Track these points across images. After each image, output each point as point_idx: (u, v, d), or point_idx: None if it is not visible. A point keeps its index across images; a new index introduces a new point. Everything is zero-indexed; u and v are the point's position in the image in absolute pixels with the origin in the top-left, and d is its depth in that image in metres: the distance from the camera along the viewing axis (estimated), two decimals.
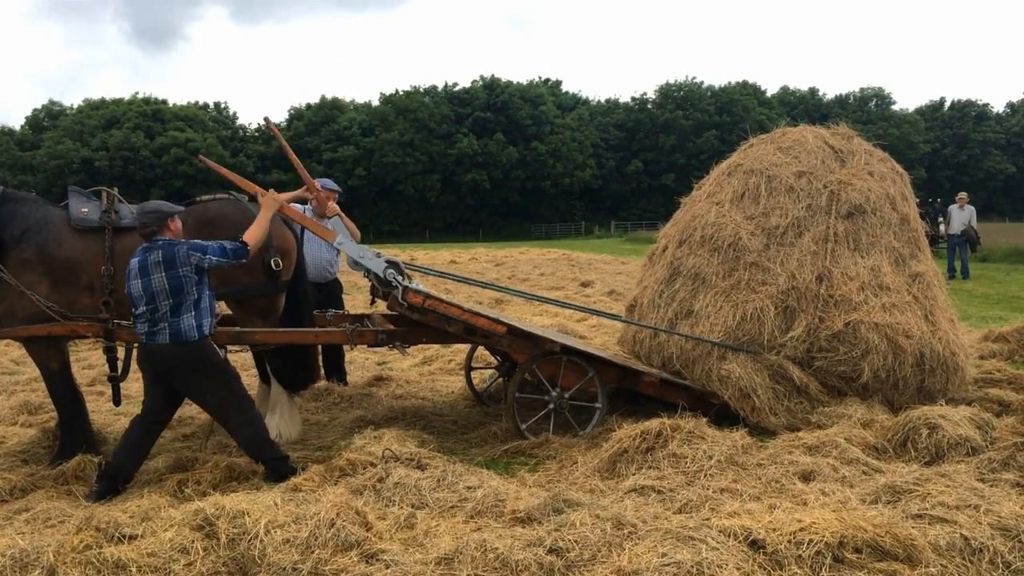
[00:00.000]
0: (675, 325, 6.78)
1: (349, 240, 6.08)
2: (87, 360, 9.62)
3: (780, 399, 6.15)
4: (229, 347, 6.25)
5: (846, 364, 6.21)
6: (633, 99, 80.00)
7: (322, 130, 70.96)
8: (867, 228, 6.72)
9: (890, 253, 6.68)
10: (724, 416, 6.10)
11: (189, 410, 7.11)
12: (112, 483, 4.97)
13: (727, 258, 6.75)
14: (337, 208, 6.66)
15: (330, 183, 7.87)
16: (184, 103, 73.24)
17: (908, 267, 6.68)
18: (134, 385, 8.16)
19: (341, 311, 7.29)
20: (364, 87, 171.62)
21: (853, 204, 6.76)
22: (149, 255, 4.93)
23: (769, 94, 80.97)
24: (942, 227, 19.20)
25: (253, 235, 5.29)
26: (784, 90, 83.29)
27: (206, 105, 75.55)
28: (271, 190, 5.77)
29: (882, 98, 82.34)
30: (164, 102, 71.72)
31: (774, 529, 3.56)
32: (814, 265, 6.52)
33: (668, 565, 3.29)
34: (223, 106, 76.66)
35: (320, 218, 7.34)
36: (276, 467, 5.10)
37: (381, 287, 6.00)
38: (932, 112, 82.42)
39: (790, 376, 6.21)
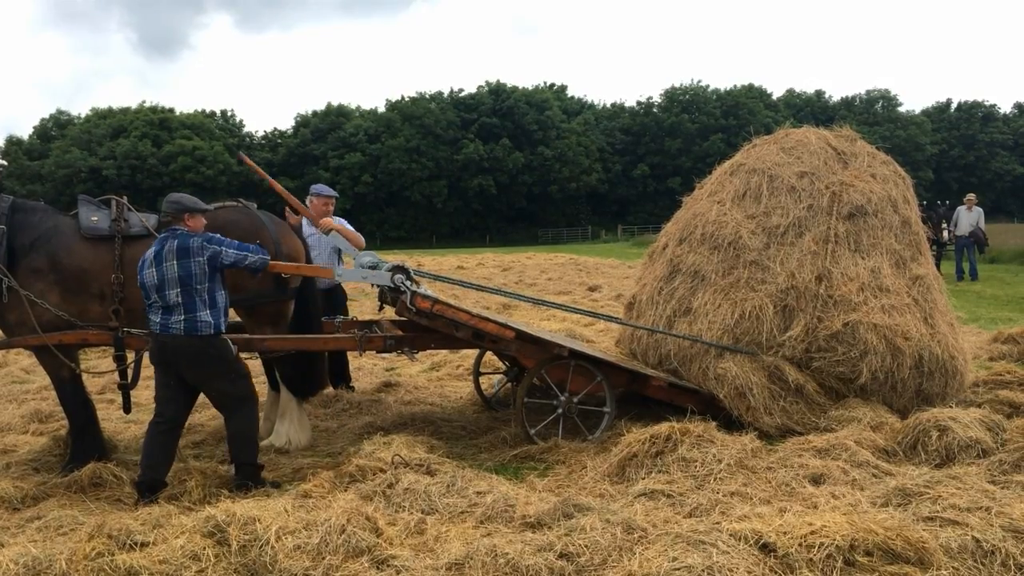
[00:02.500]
0: (673, 322, 6.79)
1: (350, 271, 6.04)
2: (97, 368, 9.65)
3: (776, 399, 6.14)
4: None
5: (844, 365, 6.19)
6: (638, 103, 79.99)
7: (328, 137, 71.07)
8: (868, 230, 6.72)
9: (891, 255, 6.67)
10: (733, 420, 6.10)
11: (198, 417, 7.13)
12: (153, 493, 4.95)
13: (727, 256, 6.76)
14: (331, 222, 6.69)
15: (326, 189, 7.75)
16: (191, 111, 73.54)
17: (909, 269, 6.66)
18: (144, 392, 8.18)
19: (350, 317, 7.31)
20: (370, 94, 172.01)
21: (854, 205, 6.75)
22: (165, 244, 4.99)
23: (775, 97, 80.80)
24: (945, 233, 19.11)
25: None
26: (790, 93, 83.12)
27: (213, 113, 75.78)
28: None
29: (888, 100, 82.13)
30: (171, 111, 71.97)
31: (785, 533, 3.56)
32: (814, 265, 6.52)
33: (679, 569, 3.29)
34: (230, 114, 76.91)
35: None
36: (248, 473, 5.09)
37: (390, 293, 6.02)
38: (939, 113, 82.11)
39: (786, 376, 6.20)
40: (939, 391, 6.28)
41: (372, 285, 6.23)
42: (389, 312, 6.72)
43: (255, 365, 8.71)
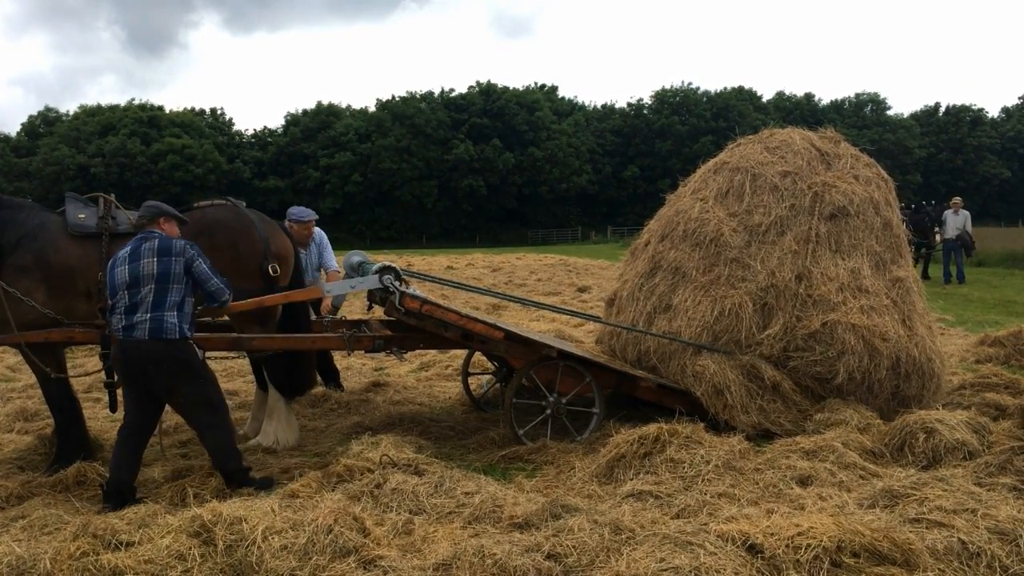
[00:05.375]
0: (653, 319, 6.80)
1: (337, 283, 6.02)
2: (84, 367, 9.59)
3: (753, 397, 6.15)
4: (226, 353, 6.25)
5: (821, 364, 6.20)
6: (629, 105, 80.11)
7: (319, 136, 70.90)
8: (849, 230, 6.74)
9: (871, 256, 6.69)
10: (722, 422, 6.10)
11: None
12: (121, 499, 4.83)
13: (708, 253, 6.77)
14: (329, 301, 6.88)
15: (305, 213, 7.60)
16: (180, 109, 73.22)
17: (888, 271, 6.68)
18: None
19: (340, 317, 7.30)
20: (361, 93, 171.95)
21: (836, 206, 6.78)
22: (144, 243, 4.93)
23: (765, 99, 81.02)
24: (937, 237, 19.22)
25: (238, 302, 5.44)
26: (780, 95, 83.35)
27: (202, 111, 75.51)
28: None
29: (877, 103, 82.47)
30: (160, 108, 71.67)
31: (772, 534, 3.57)
32: (794, 264, 6.54)
33: (666, 570, 3.29)
34: (219, 112, 76.67)
35: (303, 248, 7.32)
36: (237, 479, 5.01)
37: (379, 293, 6.01)
38: (927, 117, 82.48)
39: (762, 374, 6.20)
40: (915, 393, 6.29)
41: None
42: (378, 312, 6.70)
43: (243, 364, 8.68)
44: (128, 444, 4.97)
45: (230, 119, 77.55)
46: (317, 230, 7.85)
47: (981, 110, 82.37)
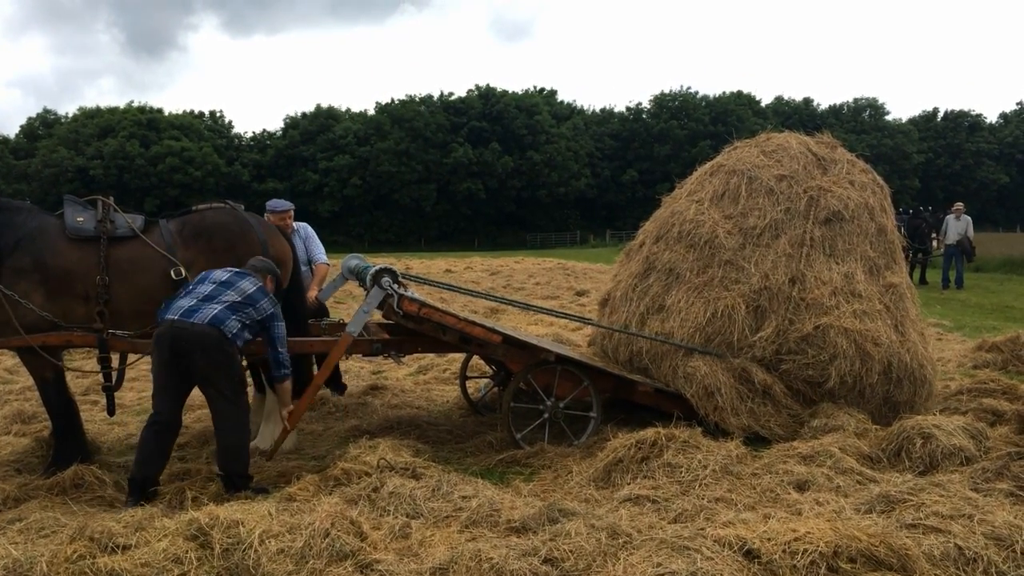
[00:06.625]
0: (646, 319, 6.81)
1: (354, 319, 5.93)
2: (82, 369, 9.57)
3: (744, 400, 6.15)
4: None
5: (813, 368, 6.20)
6: (628, 109, 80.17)
7: (318, 139, 70.90)
8: (844, 235, 6.75)
9: (865, 261, 6.70)
10: (712, 423, 6.10)
11: (184, 418, 7.09)
12: (142, 494, 4.92)
13: (702, 255, 6.78)
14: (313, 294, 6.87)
15: (280, 204, 7.66)
16: (179, 112, 73.21)
17: (882, 277, 6.69)
18: (128, 395, 8.16)
19: (337, 320, 7.30)
20: (360, 96, 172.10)
21: (831, 210, 6.79)
22: (249, 276, 5.34)
23: (764, 104, 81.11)
24: (935, 242, 19.24)
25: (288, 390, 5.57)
26: (778, 100, 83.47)
27: (201, 114, 75.46)
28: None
29: (875, 108, 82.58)
30: (159, 111, 71.63)
31: (769, 539, 3.57)
32: (788, 267, 6.55)
33: (663, 575, 3.29)
34: (218, 115, 76.60)
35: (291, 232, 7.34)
36: (237, 483, 5.03)
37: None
38: (925, 122, 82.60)
39: (752, 377, 6.20)
40: (907, 399, 6.29)
41: (360, 285, 6.21)
42: (376, 315, 6.70)
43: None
44: (159, 440, 5.04)
45: (229, 122, 77.53)
46: (304, 224, 7.87)
47: (979, 115, 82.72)
